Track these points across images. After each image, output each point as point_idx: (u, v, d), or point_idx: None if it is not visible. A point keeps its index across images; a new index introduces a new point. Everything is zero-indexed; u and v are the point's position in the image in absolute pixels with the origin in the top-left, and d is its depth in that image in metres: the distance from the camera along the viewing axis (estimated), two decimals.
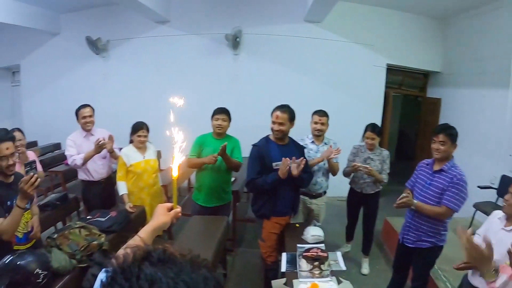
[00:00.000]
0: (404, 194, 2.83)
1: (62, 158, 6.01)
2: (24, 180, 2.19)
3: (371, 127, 3.86)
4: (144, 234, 1.29)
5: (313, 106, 3.88)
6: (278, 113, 3.03)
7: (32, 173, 2.27)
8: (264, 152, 3.04)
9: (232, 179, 4.14)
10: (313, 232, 3.00)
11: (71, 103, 7.28)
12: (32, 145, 7.16)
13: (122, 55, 7.24)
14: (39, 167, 3.78)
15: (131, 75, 7.21)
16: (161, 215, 1.37)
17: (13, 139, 2.41)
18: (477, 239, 2.15)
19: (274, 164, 2.99)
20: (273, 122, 3.07)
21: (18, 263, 2.13)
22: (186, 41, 6.74)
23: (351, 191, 4.20)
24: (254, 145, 3.15)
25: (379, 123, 6.29)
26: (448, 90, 6.42)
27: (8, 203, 2.39)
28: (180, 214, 1.42)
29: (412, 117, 8.11)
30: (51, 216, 3.79)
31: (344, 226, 4.48)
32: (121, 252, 0.73)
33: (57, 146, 7.81)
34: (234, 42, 6.24)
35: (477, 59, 5.55)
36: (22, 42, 8.27)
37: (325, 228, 3.18)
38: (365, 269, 4.18)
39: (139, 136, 3.79)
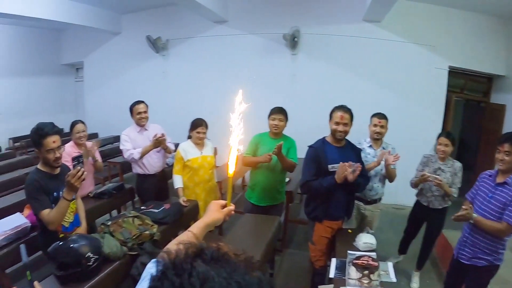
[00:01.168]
0: (463, 207, 2.62)
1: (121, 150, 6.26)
2: (71, 174, 2.29)
3: (446, 134, 3.60)
4: (196, 229, 1.30)
5: (370, 109, 3.77)
6: (342, 113, 2.93)
7: (79, 167, 2.36)
8: (320, 154, 2.97)
9: (287, 179, 4.11)
10: (365, 240, 2.90)
11: (130, 99, 7.60)
12: (93, 136, 7.61)
13: (181, 53, 7.46)
14: (99, 157, 4.01)
15: (189, 73, 7.40)
16: (215, 212, 1.38)
17: (59, 132, 2.50)
18: None
19: (330, 166, 2.91)
20: (337, 123, 2.95)
21: (71, 245, 2.23)
22: (244, 40, 6.81)
23: (417, 204, 3.87)
24: (310, 147, 3.09)
25: (439, 129, 5.99)
26: None
27: (55, 194, 2.51)
28: (233, 212, 1.42)
29: (474, 124, 7.66)
30: (106, 204, 3.96)
31: (397, 236, 4.27)
32: (173, 247, 0.72)
33: (117, 138, 8.14)
34: (292, 42, 6.19)
35: None
36: (85, 41, 8.87)
37: (377, 236, 3.05)
38: (415, 284, 3.92)
39: (198, 132, 3.82)
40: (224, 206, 1.40)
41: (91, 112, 8.94)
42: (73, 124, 3.81)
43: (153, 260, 1.08)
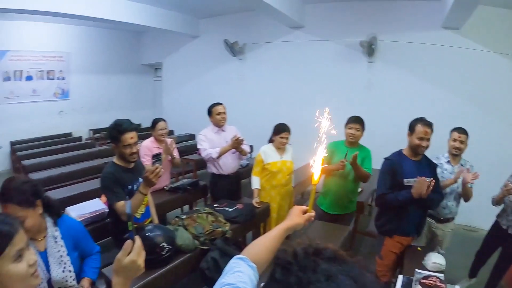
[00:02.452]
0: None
1: (196, 148, 6.49)
2: (150, 170, 2.39)
3: None
4: (277, 231, 1.33)
5: (448, 122, 3.64)
6: (426, 128, 2.85)
7: (157, 165, 2.49)
8: (397, 167, 2.92)
9: (359, 189, 4.08)
10: (434, 260, 2.77)
11: (206, 100, 7.94)
12: (169, 134, 7.99)
13: (258, 58, 7.64)
14: (177, 154, 4.25)
15: (265, 78, 7.57)
16: (296, 216, 1.41)
17: (136, 129, 2.65)
18: None
19: (405, 180, 2.86)
20: (421, 139, 2.85)
21: (147, 234, 2.42)
22: (320, 46, 6.79)
23: (495, 226, 3.58)
24: (386, 159, 3.05)
25: None
26: None
27: (129, 187, 2.64)
28: (313, 218, 1.45)
29: None
30: (180, 198, 4.22)
31: (465, 259, 4.00)
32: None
33: (192, 136, 8.66)
34: (369, 49, 6.08)
35: None
36: (164, 43, 9.50)
37: (445, 256, 2.91)
38: None
39: (282, 137, 3.85)
40: (305, 212, 1.43)
41: (168, 110, 9.47)
42: (156, 121, 4.11)
43: (237, 256, 1.16)
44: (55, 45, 8.72)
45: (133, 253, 1.17)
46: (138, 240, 1.18)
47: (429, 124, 2.88)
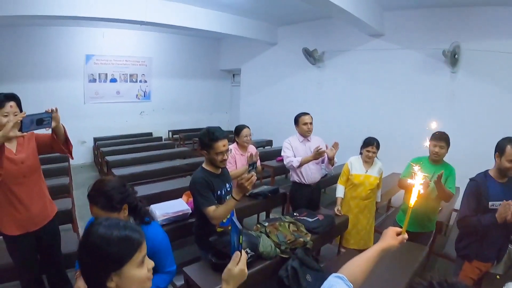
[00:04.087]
0: None
1: (274, 154, 6.73)
2: (246, 178, 2.43)
3: None
4: (372, 252, 1.38)
5: None
6: None
7: (253, 173, 2.58)
8: (482, 189, 2.79)
9: (439, 208, 3.94)
10: None
11: (284, 106, 8.33)
12: None
13: (337, 66, 7.61)
14: (258, 162, 4.27)
15: (344, 86, 7.52)
16: (390, 238, 1.44)
17: (228, 137, 2.72)
18: None
19: (490, 203, 2.74)
20: (510, 161, 2.69)
21: None
22: (400, 55, 6.59)
23: None
24: (471, 180, 2.93)
25: None
26: None
27: (218, 192, 2.71)
28: (405, 240, 1.48)
29: None
30: (259, 204, 4.23)
31: None
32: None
33: (269, 142, 8.88)
34: (452, 58, 5.74)
35: None
36: (242, 50, 9.89)
37: None
38: None
39: (368, 151, 3.90)
40: (398, 234, 1.47)
41: (245, 115, 9.78)
42: (240, 128, 4.23)
43: (335, 275, 1.25)
44: (138, 51, 9.53)
45: (241, 263, 1.35)
46: (244, 253, 1.30)
47: None
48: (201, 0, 6.60)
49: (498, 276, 2.98)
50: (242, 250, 1.35)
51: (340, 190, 4.06)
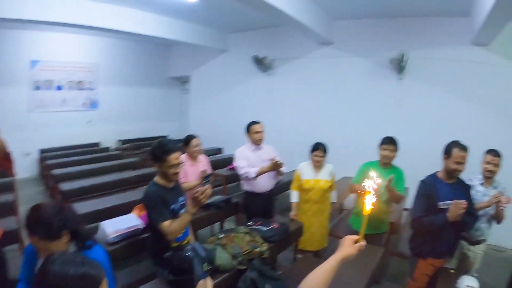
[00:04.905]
0: None
1: (225, 162, 6.65)
2: (200, 191, 2.41)
3: None
4: (331, 263, 1.39)
5: (481, 140, 3.67)
6: (463, 153, 2.88)
7: (208, 185, 2.51)
8: (432, 190, 2.94)
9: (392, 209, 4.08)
10: (468, 283, 2.77)
11: (235, 114, 8.31)
12: None
13: (287, 73, 7.70)
14: (209, 170, 4.25)
15: (294, 93, 7.62)
16: (348, 247, 1.46)
17: (180, 149, 2.68)
18: None
19: (441, 203, 2.87)
20: (458, 163, 2.89)
21: (187, 254, 2.43)
22: (349, 63, 6.82)
23: None
24: (422, 182, 3.07)
25: None
26: None
27: (172, 206, 2.64)
28: (364, 247, 1.49)
29: None
30: (212, 215, 4.18)
31: (494, 279, 4.12)
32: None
33: (220, 150, 8.76)
34: (399, 66, 6.08)
35: None
36: (192, 57, 9.75)
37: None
38: None
39: (315, 156, 4.04)
40: (356, 241, 1.48)
41: (195, 123, 9.65)
42: (189, 138, 4.11)
43: None
44: (85, 56, 9.09)
45: None
46: (209, 281, 1.27)
47: (465, 148, 2.91)
48: (150, 5, 6.44)
49: (452, 271, 3.13)
50: (208, 280, 1.31)
51: (294, 196, 4.17)
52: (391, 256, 4.40)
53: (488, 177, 3.44)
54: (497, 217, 3.39)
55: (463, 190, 3.03)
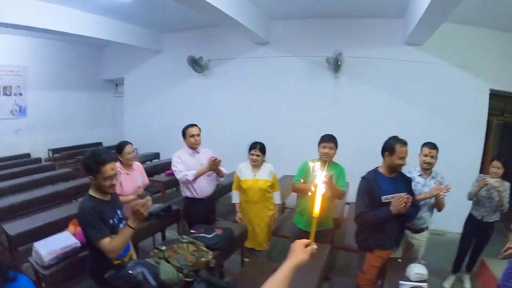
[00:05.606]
0: (510, 245, 2.54)
1: (163, 168, 6.40)
2: (140, 203, 2.28)
3: (497, 157, 3.91)
4: (285, 272, 1.32)
5: (414, 134, 3.77)
6: (406, 148, 3.00)
7: (148, 197, 2.37)
8: (374, 185, 2.99)
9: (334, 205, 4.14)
10: (417, 270, 2.87)
11: (171, 116, 8.04)
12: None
13: (223, 74, 7.59)
14: (145, 178, 4.07)
15: (231, 94, 7.53)
16: (300, 252, 1.39)
17: (116, 159, 2.50)
18: None
19: (383, 197, 2.94)
20: (402, 158, 3.01)
21: (130, 272, 2.31)
22: (286, 63, 6.87)
23: (470, 219, 4.23)
24: (363, 178, 3.11)
25: (480, 154, 6.05)
26: None
27: (111, 221, 2.44)
28: (316, 250, 1.44)
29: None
30: (153, 225, 3.98)
31: (440, 261, 4.46)
32: None
33: (157, 155, 8.41)
34: (335, 65, 6.21)
35: None
36: (126, 58, 9.23)
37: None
38: (468, 284, 4.35)
39: (252, 155, 4.01)
40: (307, 245, 1.42)
41: (130, 128, 9.22)
42: (123, 145, 3.85)
43: None
44: (12, 59, 8.31)
45: None
46: None
47: (406, 143, 3.01)
48: (82, 3, 6.00)
49: (399, 260, 3.22)
50: None
51: (235, 196, 4.19)
52: (338, 250, 4.46)
53: (426, 168, 3.60)
54: (438, 206, 3.56)
55: (404, 183, 3.12)
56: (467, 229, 4.31)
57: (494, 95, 6.11)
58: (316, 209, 1.44)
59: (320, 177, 1.46)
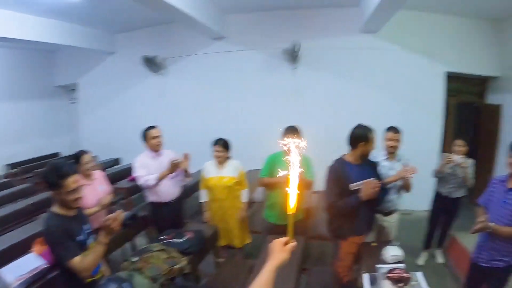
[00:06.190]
0: (479, 219, 2.73)
1: (124, 174, 6.16)
2: (112, 218, 2.17)
3: (460, 138, 4.19)
4: (267, 275, 1.31)
5: (373, 118, 3.76)
6: (375, 135, 3.07)
7: (119, 210, 2.26)
8: (342, 174, 2.99)
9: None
10: (392, 252, 2.92)
11: (128, 119, 7.75)
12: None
13: (179, 72, 7.39)
14: (108, 186, 3.88)
15: (189, 92, 7.35)
16: (280, 252, 1.37)
17: (78, 171, 2.34)
18: None
19: (352, 185, 2.94)
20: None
21: None
22: (243, 56, 6.80)
23: (437, 196, 4.47)
24: (331, 167, 3.10)
25: (439, 134, 6.35)
26: (509, 96, 6.09)
27: (78, 238, 2.30)
28: (295, 247, 1.41)
29: (469, 125, 7.70)
30: (120, 236, 3.76)
31: (411, 239, 4.71)
32: None
33: (117, 161, 8.10)
34: (293, 56, 6.22)
35: None
36: (79, 62, 8.74)
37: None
38: (440, 259, 4.62)
39: (215, 151, 3.96)
40: (285, 243, 1.39)
41: (88, 134, 8.79)
42: (79, 155, 3.62)
43: None
44: None
45: None
46: None
47: (373, 130, 3.06)
48: (28, 6, 5.63)
49: (374, 244, 3.27)
50: None
51: (202, 195, 4.12)
52: (311, 240, 4.47)
53: (391, 152, 3.68)
54: (406, 187, 3.65)
55: (371, 168, 3.16)
56: (435, 206, 4.55)
57: (450, 77, 6.39)
58: (292, 205, 1.39)
59: (293, 171, 1.41)
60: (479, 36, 6.29)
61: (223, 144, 3.97)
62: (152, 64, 7.24)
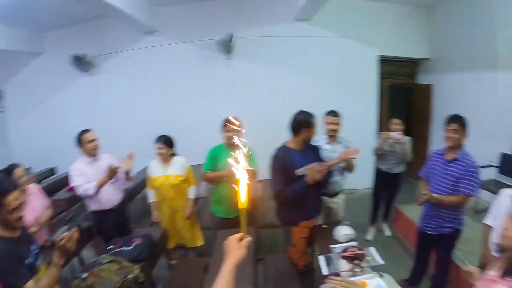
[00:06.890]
0: (423, 192, 2.95)
1: (62, 183, 5.75)
2: (67, 237, 1.98)
3: (396, 118, 4.45)
4: (227, 275, 1.29)
5: (312, 104, 3.77)
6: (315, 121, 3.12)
7: (73, 230, 2.06)
8: (287, 161, 3.00)
9: None
10: (344, 231, 3.01)
11: (62, 125, 7.30)
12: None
13: (111, 70, 7.03)
14: (45, 200, 3.64)
15: (123, 90, 7.04)
16: (236, 249, 1.36)
17: (18, 187, 2.05)
18: (492, 221, 2.51)
19: (297, 171, 2.96)
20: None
21: None
22: (177, 49, 6.62)
23: (378, 174, 4.76)
24: (274, 156, 3.08)
25: (375, 114, 6.72)
26: (439, 76, 6.56)
27: (27, 261, 2.08)
28: (251, 242, 1.41)
29: (401, 105, 8.10)
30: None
31: (357, 217, 4.77)
32: None
33: (53, 171, 7.55)
34: (227, 47, 6.16)
35: (466, 43, 5.69)
36: (3, 66, 7.90)
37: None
38: (388, 232, 4.95)
39: (157, 149, 3.83)
40: (240, 239, 1.38)
41: (19, 145, 8.13)
42: (11, 169, 3.35)
43: None
44: None
45: None
46: None
47: (315, 116, 3.12)
48: None
49: (324, 226, 3.37)
50: None
51: (150, 196, 3.98)
52: (261, 230, 4.49)
53: (332, 135, 3.78)
54: (349, 168, 3.77)
55: (313, 153, 3.21)
56: (377, 183, 4.85)
57: (384, 61, 6.73)
58: (243, 199, 1.36)
59: (240, 164, 1.41)
60: (411, 21, 6.69)
61: (164, 141, 3.84)
62: (81, 63, 6.80)
